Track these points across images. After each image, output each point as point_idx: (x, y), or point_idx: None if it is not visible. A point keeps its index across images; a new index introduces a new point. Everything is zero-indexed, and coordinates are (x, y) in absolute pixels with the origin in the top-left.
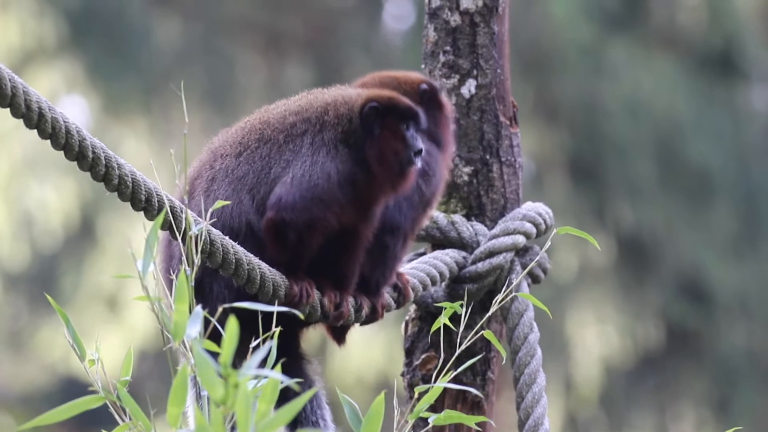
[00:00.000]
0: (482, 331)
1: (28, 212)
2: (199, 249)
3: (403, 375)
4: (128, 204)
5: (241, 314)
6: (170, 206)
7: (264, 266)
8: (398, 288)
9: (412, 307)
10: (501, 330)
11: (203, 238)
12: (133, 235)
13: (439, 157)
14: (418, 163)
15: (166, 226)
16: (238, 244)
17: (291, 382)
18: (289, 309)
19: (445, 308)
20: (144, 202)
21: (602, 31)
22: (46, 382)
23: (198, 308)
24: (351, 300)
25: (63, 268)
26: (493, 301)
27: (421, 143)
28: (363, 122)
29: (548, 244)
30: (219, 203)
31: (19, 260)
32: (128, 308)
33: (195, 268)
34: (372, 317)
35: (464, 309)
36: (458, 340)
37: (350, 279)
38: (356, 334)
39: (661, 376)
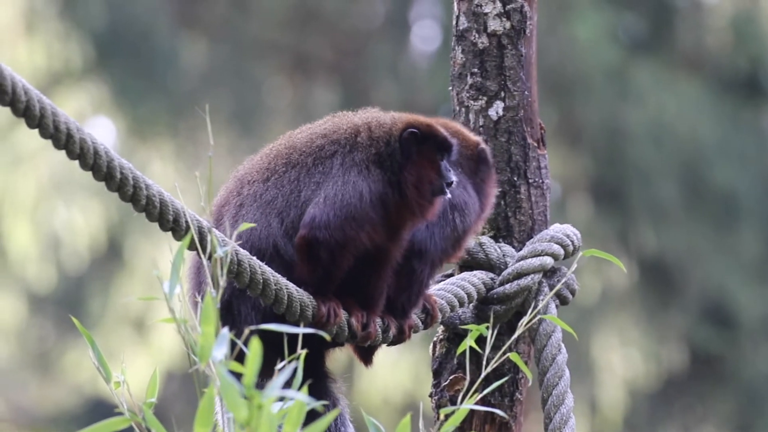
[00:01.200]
0: (508, 354)
1: (55, 234)
2: (225, 270)
3: (430, 396)
4: (155, 225)
5: (268, 336)
6: (198, 227)
7: (291, 286)
8: (426, 309)
9: (440, 329)
10: (529, 351)
11: (231, 258)
12: (160, 256)
13: (477, 204)
14: (449, 194)
15: (193, 246)
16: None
17: (317, 404)
18: (316, 330)
19: (471, 330)
20: (172, 223)
21: (627, 54)
22: (74, 404)
23: (224, 330)
24: (378, 320)
25: (90, 290)
26: (520, 323)
27: (453, 175)
28: (402, 146)
29: (575, 265)
30: (245, 225)
31: (46, 282)
32: (155, 330)
33: (220, 291)
34: (399, 338)
35: (491, 331)
36: (485, 362)
37: (377, 299)
38: (384, 355)
39: (686, 399)
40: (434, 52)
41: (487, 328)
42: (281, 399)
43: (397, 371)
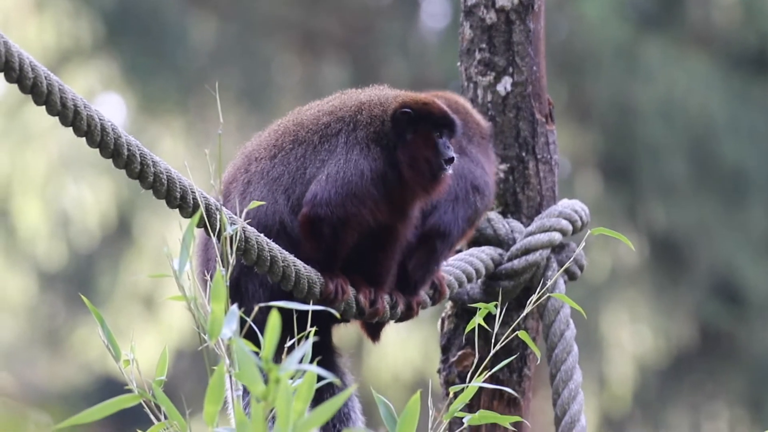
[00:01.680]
0: (517, 331)
1: (64, 212)
2: (235, 248)
3: (439, 372)
4: (164, 203)
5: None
6: (205, 204)
7: (299, 263)
8: (434, 285)
9: (448, 304)
10: (537, 327)
11: (239, 236)
12: (169, 234)
13: (493, 184)
14: (449, 170)
15: (202, 224)
16: (273, 242)
17: (332, 378)
18: (325, 307)
19: (480, 308)
20: (179, 200)
21: (636, 30)
22: (83, 381)
23: (234, 307)
24: (386, 297)
25: (100, 268)
26: (529, 300)
27: (452, 152)
28: (394, 126)
29: (583, 243)
30: (254, 203)
31: (56, 259)
32: (165, 308)
33: (230, 268)
34: (407, 314)
35: (499, 308)
36: (494, 339)
37: (385, 276)
38: (392, 331)
39: (695, 376)
40: (444, 28)
41: (496, 306)
42: (296, 373)
43: (406, 348)
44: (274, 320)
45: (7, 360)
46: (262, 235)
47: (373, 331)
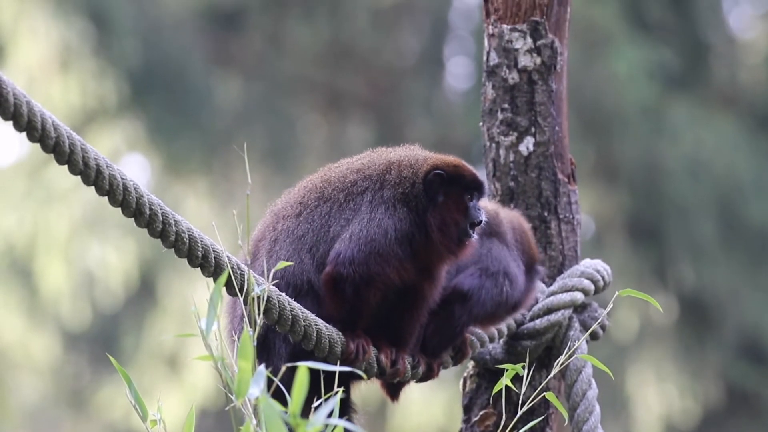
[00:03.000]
0: (544, 393)
1: (88, 272)
2: (262, 309)
3: (461, 431)
4: (186, 262)
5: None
6: (228, 263)
7: (320, 323)
8: (457, 345)
9: (471, 364)
10: (560, 386)
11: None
12: (194, 293)
13: (523, 287)
14: (474, 235)
15: (226, 284)
16: (301, 301)
17: (359, 430)
18: (352, 369)
19: (507, 369)
20: (200, 259)
21: (663, 90)
22: None
23: (261, 367)
24: (408, 358)
25: (123, 328)
26: (556, 363)
27: (483, 215)
28: (426, 188)
29: (611, 305)
30: (281, 264)
31: (80, 320)
32: (189, 367)
33: (258, 328)
34: (428, 375)
35: (527, 371)
36: (519, 401)
37: (409, 338)
38: (416, 390)
39: None
40: (468, 89)
41: (523, 367)
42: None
43: (429, 407)
44: (302, 376)
45: (32, 420)
46: (283, 294)
47: (393, 391)
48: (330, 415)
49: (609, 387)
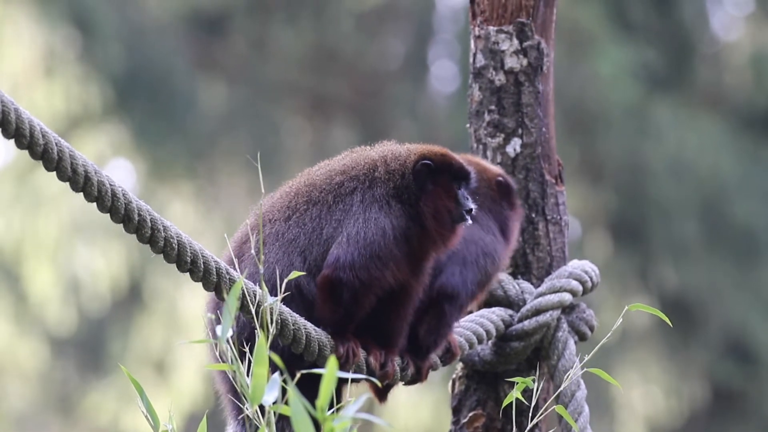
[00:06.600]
0: (554, 407)
1: (75, 277)
2: (270, 320)
3: None
4: (174, 267)
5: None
6: (216, 268)
7: (310, 326)
8: (446, 347)
9: (459, 366)
10: (548, 388)
11: (249, 300)
12: (180, 298)
13: (504, 247)
14: (469, 220)
15: (211, 287)
16: (288, 305)
17: (386, 424)
18: (369, 378)
19: (518, 383)
20: (190, 264)
21: (647, 91)
22: None
23: (275, 375)
24: (397, 360)
25: (111, 332)
26: (566, 376)
27: (471, 203)
28: (416, 179)
29: (620, 320)
30: (295, 273)
31: (67, 324)
32: (177, 372)
33: (271, 337)
34: (416, 378)
35: (536, 384)
36: (531, 414)
37: (397, 338)
38: (403, 392)
39: None
40: (453, 92)
41: (533, 381)
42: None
43: (418, 409)
44: (331, 368)
45: (19, 426)
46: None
47: (381, 392)
48: (336, 409)
49: (594, 389)
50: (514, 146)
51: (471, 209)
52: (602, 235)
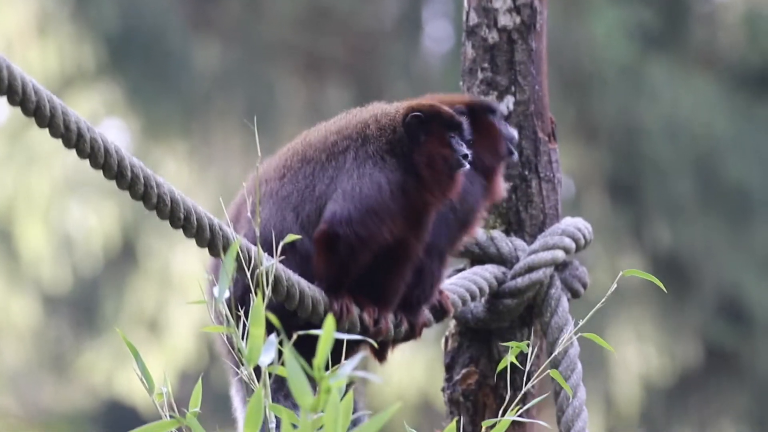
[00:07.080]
0: (549, 371)
1: (68, 235)
2: (266, 282)
3: (443, 390)
4: (168, 225)
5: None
6: (209, 224)
7: (303, 283)
8: (439, 303)
9: (452, 323)
10: (541, 344)
11: (243, 255)
12: (173, 257)
13: (479, 184)
14: (467, 165)
15: (205, 244)
16: (280, 261)
17: (378, 380)
18: (367, 338)
19: (512, 347)
20: (183, 221)
21: (642, 50)
22: (89, 405)
23: (272, 337)
24: (391, 317)
25: (104, 291)
26: (560, 342)
27: (466, 149)
28: (407, 131)
29: (614, 286)
30: (290, 237)
31: (61, 283)
32: (170, 330)
33: (267, 299)
34: (410, 335)
35: (530, 350)
36: (525, 377)
37: (392, 296)
38: (397, 351)
39: (701, 394)
40: (447, 51)
41: (528, 345)
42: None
43: (410, 368)
44: (329, 327)
45: (12, 384)
46: (266, 254)
47: (379, 352)
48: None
49: (588, 347)
50: (507, 104)
51: (467, 154)
52: (597, 194)
